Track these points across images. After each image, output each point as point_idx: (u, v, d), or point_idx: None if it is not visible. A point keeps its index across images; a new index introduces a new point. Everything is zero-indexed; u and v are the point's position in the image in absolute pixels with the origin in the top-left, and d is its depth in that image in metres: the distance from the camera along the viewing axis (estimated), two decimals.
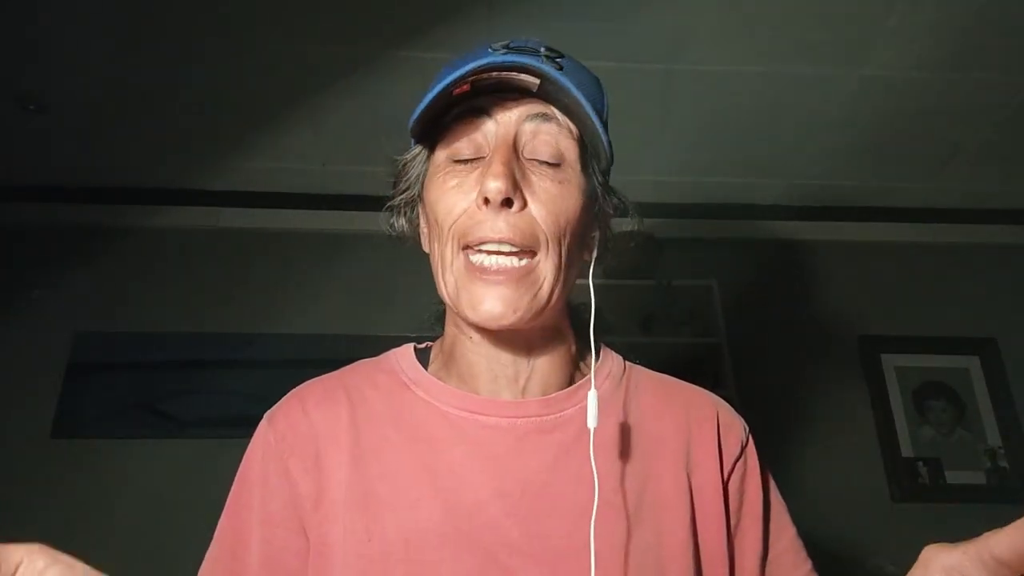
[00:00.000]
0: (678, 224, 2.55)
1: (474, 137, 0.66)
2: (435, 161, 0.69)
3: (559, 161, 0.67)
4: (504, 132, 0.66)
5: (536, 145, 0.66)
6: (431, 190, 0.68)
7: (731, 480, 0.71)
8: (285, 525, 0.65)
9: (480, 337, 0.69)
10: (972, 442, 2.36)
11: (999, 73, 2.01)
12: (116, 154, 2.32)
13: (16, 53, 1.88)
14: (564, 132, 0.67)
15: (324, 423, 0.68)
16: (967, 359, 2.47)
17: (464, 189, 0.65)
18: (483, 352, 0.69)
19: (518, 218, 0.63)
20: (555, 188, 0.65)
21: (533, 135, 0.66)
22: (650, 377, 0.77)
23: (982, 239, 2.66)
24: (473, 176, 0.65)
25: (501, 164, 0.63)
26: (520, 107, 0.66)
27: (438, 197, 0.66)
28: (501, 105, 0.66)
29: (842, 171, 2.46)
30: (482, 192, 0.62)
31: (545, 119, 0.66)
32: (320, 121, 2.18)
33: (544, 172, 0.66)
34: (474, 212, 0.64)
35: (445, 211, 0.65)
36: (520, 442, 0.66)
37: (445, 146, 0.68)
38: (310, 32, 1.84)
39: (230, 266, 2.43)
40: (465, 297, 0.64)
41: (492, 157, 0.64)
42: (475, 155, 0.67)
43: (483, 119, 0.66)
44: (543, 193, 0.65)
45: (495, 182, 0.61)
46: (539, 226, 0.64)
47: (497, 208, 0.62)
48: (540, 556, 0.61)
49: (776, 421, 2.23)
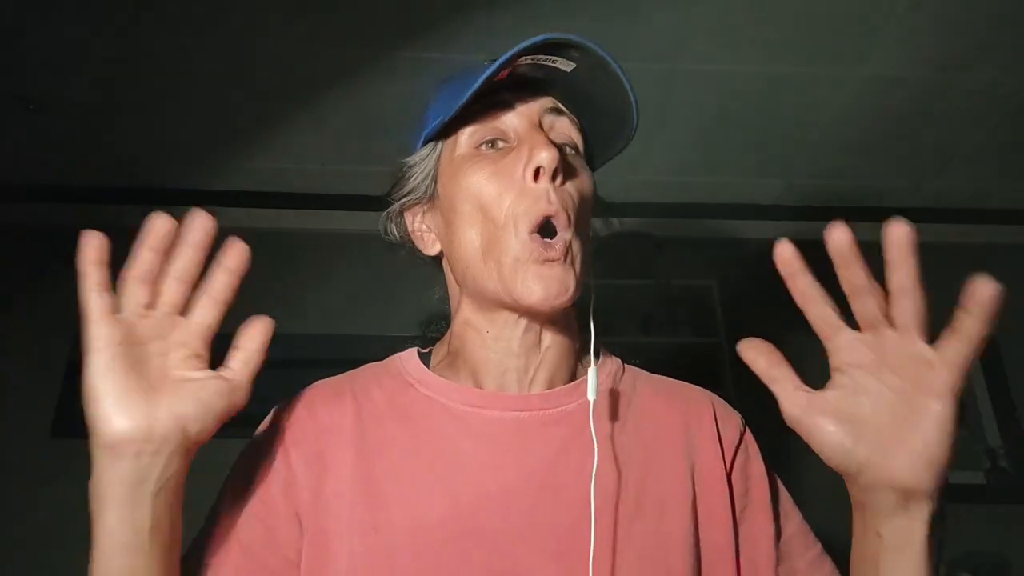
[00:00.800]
0: (678, 224, 2.55)
1: (497, 126, 0.69)
2: (456, 154, 0.70)
3: (576, 149, 0.71)
4: (530, 120, 0.68)
5: (557, 131, 0.70)
6: (463, 180, 0.68)
7: (734, 469, 0.71)
8: (279, 509, 0.65)
9: (500, 330, 0.69)
10: (972, 442, 2.36)
11: (999, 73, 2.01)
12: (116, 154, 2.32)
13: (16, 53, 1.88)
14: (575, 127, 0.71)
15: (329, 420, 0.69)
16: None
17: (504, 173, 0.66)
18: (497, 347, 0.70)
19: (561, 191, 0.65)
20: (580, 169, 0.69)
21: (551, 125, 0.70)
22: (647, 378, 0.78)
23: (982, 239, 2.66)
24: (508, 160, 0.66)
25: (544, 136, 0.65)
26: (537, 101, 0.69)
27: (480, 184, 0.66)
28: (520, 99, 0.69)
29: (842, 171, 2.46)
30: (533, 162, 0.64)
31: (559, 113, 0.70)
32: (320, 121, 2.18)
33: (568, 154, 0.69)
34: (527, 190, 0.64)
35: (493, 196, 0.65)
36: (524, 435, 0.67)
37: (467, 136, 0.69)
38: (310, 32, 1.84)
39: None
40: (521, 279, 0.64)
41: (532, 135, 0.66)
42: (502, 139, 0.68)
43: (504, 111, 0.69)
44: (571, 173, 0.67)
45: (546, 151, 0.63)
46: (574, 201, 0.66)
47: (549, 179, 0.64)
48: (545, 546, 0.62)
49: (776, 421, 2.23)
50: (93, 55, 1.90)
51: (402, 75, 1.91)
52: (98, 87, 2.02)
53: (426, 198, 0.73)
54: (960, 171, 2.46)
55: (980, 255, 2.64)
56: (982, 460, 2.34)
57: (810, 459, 0.60)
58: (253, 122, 2.19)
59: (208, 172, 2.41)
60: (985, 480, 2.31)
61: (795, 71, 2.00)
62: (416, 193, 0.73)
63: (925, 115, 2.17)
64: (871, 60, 1.95)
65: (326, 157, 2.35)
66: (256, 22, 1.81)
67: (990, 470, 2.32)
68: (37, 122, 2.13)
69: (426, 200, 0.73)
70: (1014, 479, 2.30)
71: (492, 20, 1.78)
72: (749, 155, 2.37)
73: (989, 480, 2.31)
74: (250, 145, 2.28)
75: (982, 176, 2.49)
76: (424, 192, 0.73)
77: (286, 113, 2.14)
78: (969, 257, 2.62)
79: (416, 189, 0.73)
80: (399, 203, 0.75)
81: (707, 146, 2.31)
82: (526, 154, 0.65)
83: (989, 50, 1.92)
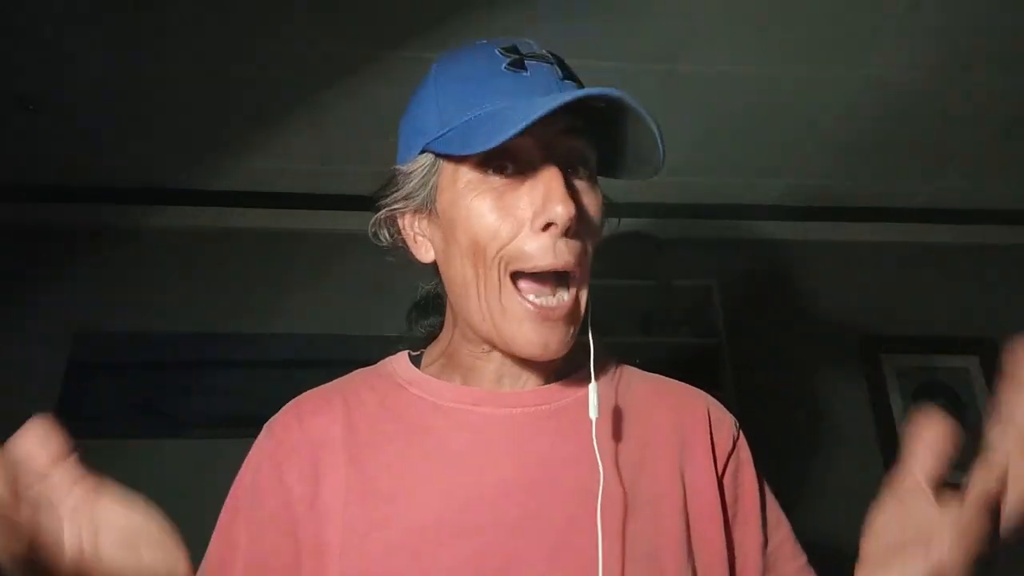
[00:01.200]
0: (678, 224, 2.55)
1: (507, 147, 0.60)
2: (460, 173, 0.65)
3: (590, 169, 0.67)
4: (546, 150, 0.63)
5: (571, 154, 0.65)
6: (461, 207, 0.64)
7: (726, 474, 0.71)
8: (275, 530, 0.65)
9: (490, 353, 0.69)
10: (972, 442, 2.36)
11: (999, 73, 2.01)
12: (116, 154, 2.31)
13: (16, 53, 1.88)
14: (589, 143, 0.67)
15: (320, 430, 0.68)
16: (967, 359, 2.47)
17: (507, 210, 0.63)
18: (492, 357, 0.70)
19: (574, 244, 0.63)
20: (593, 201, 0.66)
21: (565, 140, 0.65)
22: (641, 376, 0.78)
23: (982, 239, 2.66)
24: (515, 194, 0.63)
25: (563, 187, 0.61)
26: (555, 122, 0.62)
27: (476, 218, 0.63)
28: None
29: (842, 171, 2.46)
30: (546, 217, 0.61)
31: (575, 134, 0.65)
32: (320, 121, 2.18)
33: (582, 183, 0.66)
34: (528, 237, 0.62)
35: (489, 234, 0.63)
36: (517, 430, 0.67)
37: (473, 159, 0.64)
38: (310, 32, 1.84)
39: (230, 266, 2.43)
40: (515, 331, 0.63)
41: (548, 179, 0.62)
42: (511, 162, 0.64)
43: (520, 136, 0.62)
44: (585, 208, 0.65)
45: (564, 207, 0.60)
46: (584, 246, 0.65)
47: (560, 235, 0.61)
48: (539, 541, 0.62)
49: (776, 421, 2.23)
50: (93, 55, 1.90)
51: (402, 75, 1.91)
52: (98, 87, 2.01)
53: (425, 209, 0.69)
54: (960, 171, 2.46)
55: (980, 255, 2.64)
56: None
57: (809, 460, 0.60)
58: (253, 122, 2.19)
59: (208, 172, 2.41)
60: None
61: (795, 71, 2.00)
62: (413, 201, 0.69)
63: (925, 115, 2.17)
64: (871, 61, 1.95)
65: (325, 157, 2.35)
66: (256, 22, 1.81)
67: None
68: (37, 122, 2.13)
69: (425, 210, 0.70)
70: None
71: (492, 20, 1.78)
72: (749, 155, 2.37)
73: None
74: (249, 145, 2.28)
75: (982, 176, 2.49)
76: (422, 202, 0.69)
77: (285, 113, 2.14)
78: (969, 257, 2.63)
79: (412, 197, 0.69)
80: (390, 209, 0.71)
81: (707, 146, 2.30)
82: (539, 201, 0.61)
83: (989, 51, 1.92)
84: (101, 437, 2.18)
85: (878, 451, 2.32)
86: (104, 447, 2.16)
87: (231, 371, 2.31)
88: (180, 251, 2.45)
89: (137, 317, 2.33)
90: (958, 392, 2.43)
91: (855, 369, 2.45)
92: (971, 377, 2.45)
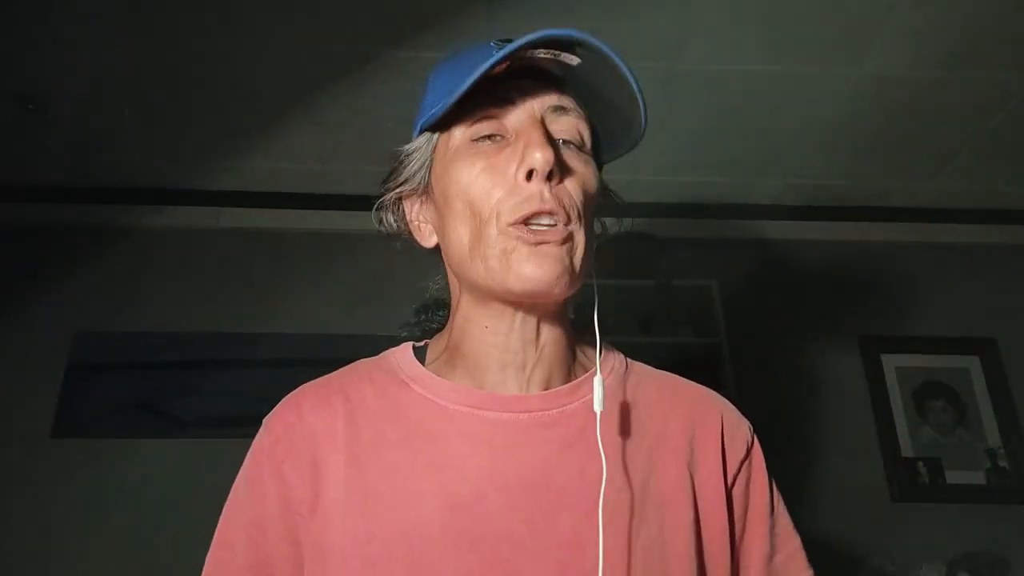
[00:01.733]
0: (678, 224, 2.55)
1: (494, 120, 0.66)
2: (450, 147, 0.68)
3: (581, 143, 0.68)
4: (530, 114, 0.66)
5: (560, 127, 0.67)
6: (453, 174, 0.66)
7: (737, 482, 0.70)
8: (275, 530, 0.65)
9: (497, 323, 0.68)
10: (972, 442, 2.36)
11: (999, 73, 2.01)
12: (116, 154, 2.31)
13: (16, 53, 1.88)
14: (582, 121, 0.68)
15: (320, 425, 0.67)
16: (967, 359, 2.47)
17: (496, 169, 0.64)
18: (495, 341, 0.68)
19: (559, 190, 0.64)
20: (581, 167, 0.67)
21: (555, 120, 0.67)
22: (653, 375, 0.76)
23: (982, 239, 2.66)
24: (503, 156, 0.65)
25: (541, 136, 0.63)
26: (540, 95, 0.66)
27: (469, 180, 0.65)
28: (520, 93, 0.66)
29: (842, 171, 2.46)
30: (527, 164, 0.62)
31: (563, 111, 0.67)
32: (320, 121, 2.18)
33: (569, 151, 0.67)
34: (516, 188, 0.63)
35: (482, 192, 0.64)
36: (522, 436, 0.66)
37: (462, 131, 0.67)
38: (310, 32, 1.84)
39: (230, 266, 2.43)
40: (516, 263, 0.62)
41: (529, 132, 0.64)
42: (498, 134, 0.66)
43: (505, 104, 0.66)
44: (572, 170, 0.66)
45: (541, 152, 0.61)
46: (573, 199, 0.65)
47: (542, 180, 0.62)
48: (544, 551, 0.61)
49: (776, 421, 2.23)
50: (93, 55, 1.90)
51: (402, 75, 1.91)
52: (98, 87, 2.01)
53: (421, 188, 0.71)
54: (960, 171, 2.46)
55: (980, 255, 2.64)
56: (982, 460, 2.34)
57: (809, 460, 0.60)
58: (252, 122, 2.19)
59: (208, 172, 2.41)
60: (985, 480, 2.31)
61: (795, 71, 2.00)
62: (411, 183, 0.72)
63: (925, 115, 2.17)
64: (871, 60, 1.95)
65: (326, 157, 2.35)
66: (255, 22, 1.81)
67: (990, 470, 2.32)
68: (37, 122, 2.13)
69: (421, 191, 0.72)
70: (1014, 479, 2.30)
71: (491, 20, 1.78)
72: (749, 155, 2.37)
73: (989, 480, 2.31)
74: (249, 145, 2.28)
75: (982, 176, 2.49)
76: (419, 182, 0.71)
77: (285, 113, 2.14)
78: (969, 257, 2.63)
79: (411, 179, 0.71)
80: (394, 193, 0.73)
81: (707, 146, 2.30)
82: (520, 152, 0.63)
83: (990, 49, 1.92)
84: (101, 437, 2.18)
85: (878, 451, 2.32)
86: (104, 447, 2.18)
87: (231, 371, 2.30)
88: (180, 251, 2.45)
89: (137, 317, 2.33)
90: (958, 392, 2.43)
91: (855, 369, 2.44)
92: (971, 377, 2.45)
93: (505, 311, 0.67)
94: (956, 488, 2.28)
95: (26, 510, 2.03)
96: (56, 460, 2.12)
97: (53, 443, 2.15)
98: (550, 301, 0.66)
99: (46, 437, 2.16)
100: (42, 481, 2.09)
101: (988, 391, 2.42)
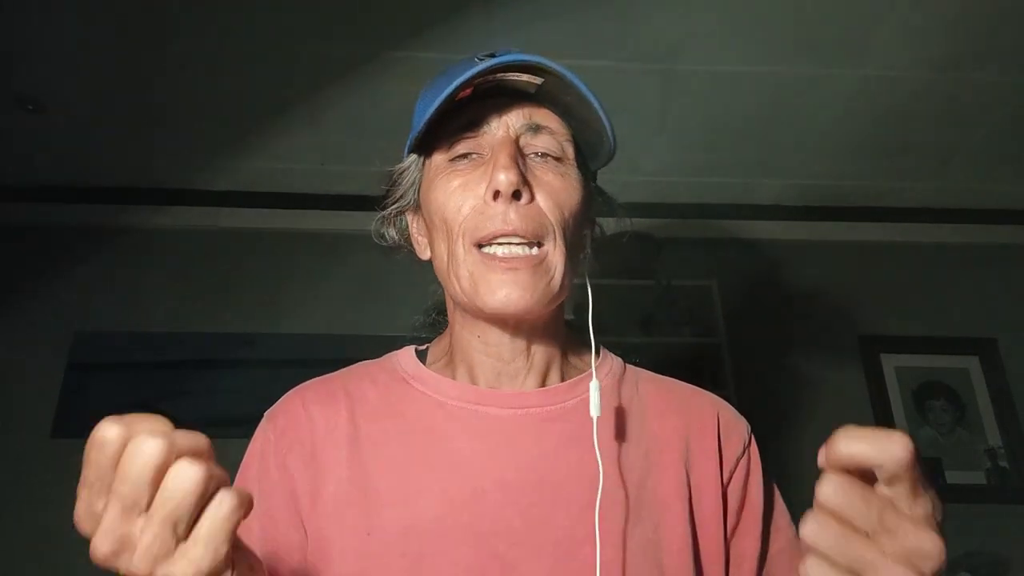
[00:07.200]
0: (678, 224, 2.55)
1: (472, 140, 0.68)
2: (432, 166, 0.70)
3: (560, 156, 0.69)
4: (504, 133, 0.67)
5: (537, 143, 0.68)
6: (433, 193, 0.68)
7: (733, 480, 0.71)
8: (284, 520, 0.65)
9: (487, 335, 0.69)
10: (972, 442, 2.36)
11: (999, 73, 2.01)
12: (116, 154, 2.32)
13: (16, 53, 1.88)
14: (560, 134, 0.69)
15: (323, 420, 0.68)
16: (967, 359, 2.47)
17: (469, 187, 0.66)
18: (488, 351, 0.70)
19: (527, 209, 0.64)
20: (558, 181, 0.67)
21: (532, 136, 0.68)
22: (650, 378, 0.77)
23: (982, 239, 2.66)
24: (477, 174, 0.66)
25: (508, 157, 0.64)
26: (515, 113, 0.68)
27: (444, 198, 0.67)
28: (496, 112, 0.68)
29: (841, 171, 2.46)
30: (492, 185, 0.63)
31: (537, 129, 0.68)
32: (320, 121, 2.18)
33: (547, 166, 0.68)
34: (483, 208, 0.64)
35: (453, 210, 0.66)
36: (520, 431, 0.67)
37: (442, 151, 0.69)
38: (309, 32, 1.84)
39: (230, 266, 2.43)
40: (483, 287, 0.64)
41: (497, 152, 0.65)
42: (475, 153, 0.68)
43: (480, 127, 0.68)
44: (547, 185, 0.66)
45: (504, 174, 0.63)
46: (546, 217, 0.65)
47: (507, 200, 0.63)
48: (541, 547, 0.62)
49: (776, 421, 2.23)
50: (93, 55, 1.90)
51: (401, 75, 1.91)
52: (98, 87, 2.02)
53: (414, 205, 0.74)
54: (960, 171, 2.46)
55: (980, 255, 2.64)
56: (982, 460, 2.34)
57: (809, 460, 0.60)
58: (252, 122, 2.19)
59: (208, 172, 2.41)
60: (985, 480, 2.31)
61: (795, 71, 2.00)
62: (404, 200, 0.74)
63: (925, 115, 2.17)
64: (871, 60, 1.95)
65: (325, 157, 2.35)
66: (254, 22, 1.81)
67: (990, 470, 2.32)
68: (37, 122, 2.13)
69: (415, 207, 0.74)
70: (1014, 479, 2.30)
71: (490, 20, 1.78)
72: (749, 155, 2.37)
73: (989, 480, 2.31)
74: (249, 145, 2.28)
75: (982, 176, 2.49)
76: (410, 200, 0.74)
77: (284, 113, 2.14)
78: (969, 257, 2.63)
79: (404, 197, 0.74)
80: (389, 210, 0.76)
81: (707, 146, 2.30)
82: (490, 172, 0.65)
83: (989, 50, 1.92)
84: None
85: None
86: None
87: (231, 371, 2.30)
88: (180, 251, 2.45)
89: (137, 317, 2.33)
90: (958, 392, 2.43)
91: (855, 369, 2.44)
92: (971, 377, 2.45)
93: (492, 324, 0.69)
94: (956, 488, 2.28)
95: (26, 510, 2.03)
96: (56, 460, 2.12)
97: (53, 443, 2.15)
98: (531, 317, 0.67)
99: (46, 437, 2.16)
100: (42, 481, 2.09)
101: (988, 391, 2.42)
